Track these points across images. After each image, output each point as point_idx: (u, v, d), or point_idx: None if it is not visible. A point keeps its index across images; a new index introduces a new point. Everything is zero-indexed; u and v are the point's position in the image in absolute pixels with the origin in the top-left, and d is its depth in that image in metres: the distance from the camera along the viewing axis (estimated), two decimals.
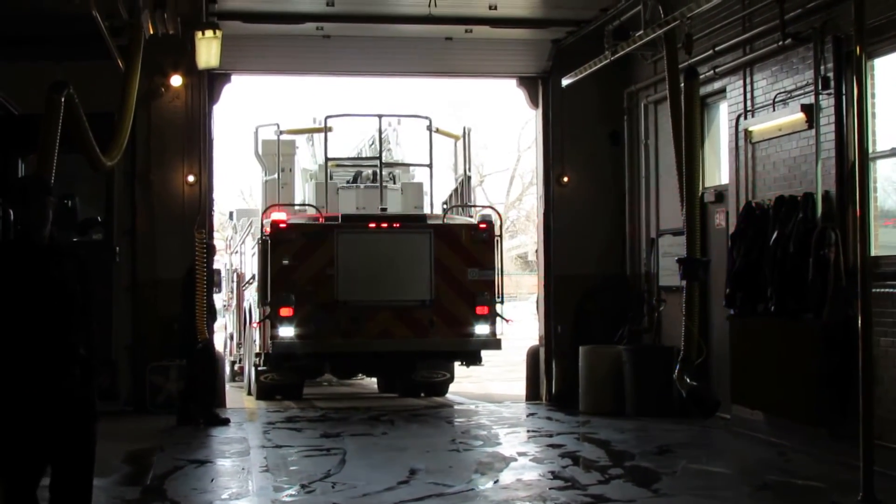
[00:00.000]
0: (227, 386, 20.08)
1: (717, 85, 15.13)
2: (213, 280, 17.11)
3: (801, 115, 12.88)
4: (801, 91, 13.03)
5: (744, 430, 13.97)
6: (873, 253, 10.54)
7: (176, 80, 17.12)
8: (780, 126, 13.47)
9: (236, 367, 24.07)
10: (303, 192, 20.02)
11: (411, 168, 20.63)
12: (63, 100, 10.36)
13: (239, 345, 23.17)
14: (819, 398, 11.90)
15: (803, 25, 12.84)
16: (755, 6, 13.92)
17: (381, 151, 19.10)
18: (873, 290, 10.35)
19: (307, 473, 11.73)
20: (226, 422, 15.53)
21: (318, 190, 18.46)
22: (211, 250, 17.18)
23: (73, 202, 16.16)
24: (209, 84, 17.60)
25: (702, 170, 14.38)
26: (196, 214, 17.39)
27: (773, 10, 13.21)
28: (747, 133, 14.36)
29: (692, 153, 13.24)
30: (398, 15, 15.73)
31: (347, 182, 19.45)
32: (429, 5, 14.67)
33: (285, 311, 15.91)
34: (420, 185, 19.16)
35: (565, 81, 17.35)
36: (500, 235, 18.57)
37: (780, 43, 13.21)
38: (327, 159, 18.73)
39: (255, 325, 19.48)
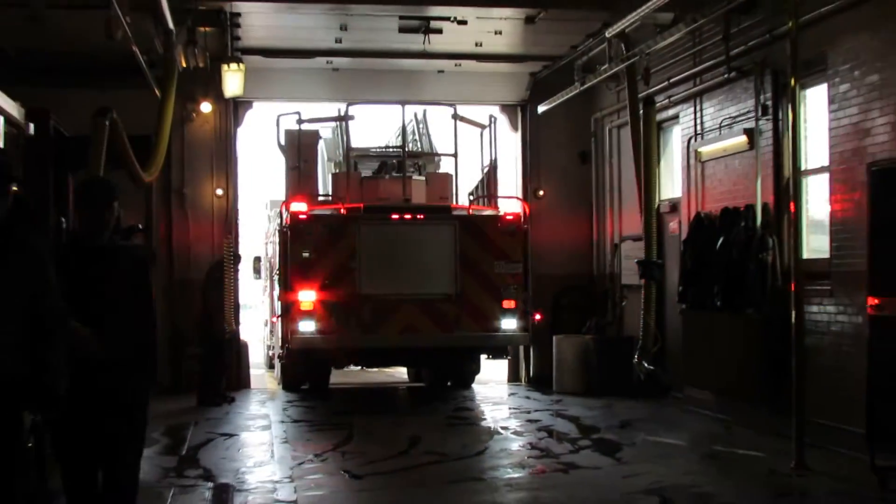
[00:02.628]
0: (264, 371, 19.96)
1: (671, 112, 15.17)
2: (237, 280, 17.23)
3: (743, 138, 12.97)
4: (744, 117, 13.11)
5: (694, 407, 14.00)
6: (804, 256, 10.65)
7: (205, 107, 17.10)
8: (726, 147, 13.55)
9: (270, 352, 21.23)
10: (326, 182, 17.01)
11: (437, 158, 17.56)
12: (108, 123, 10.41)
13: (272, 332, 20.48)
14: (759, 380, 11.97)
15: (746, 61, 12.93)
16: (704, 44, 14.00)
17: (404, 140, 16.54)
18: (805, 287, 10.49)
19: (321, 444, 11.79)
20: (231, 399, 15.48)
21: (340, 180, 15.66)
22: (237, 258, 17.32)
23: (118, 212, 16.17)
24: (234, 110, 17.63)
25: (658, 184, 14.46)
26: (223, 223, 17.47)
27: (719, 48, 13.30)
28: (697, 153, 14.42)
29: (649, 170, 13.34)
30: (397, 51, 15.70)
31: (373, 172, 16.65)
32: (423, 43, 14.75)
33: (306, 306, 13.59)
34: (446, 175, 16.27)
35: (541, 108, 17.40)
36: (528, 227, 15.98)
37: (726, 76, 13.30)
38: (349, 148, 16.22)
39: (275, 318, 17.50)
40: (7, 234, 4.80)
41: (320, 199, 15.40)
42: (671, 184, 15.43)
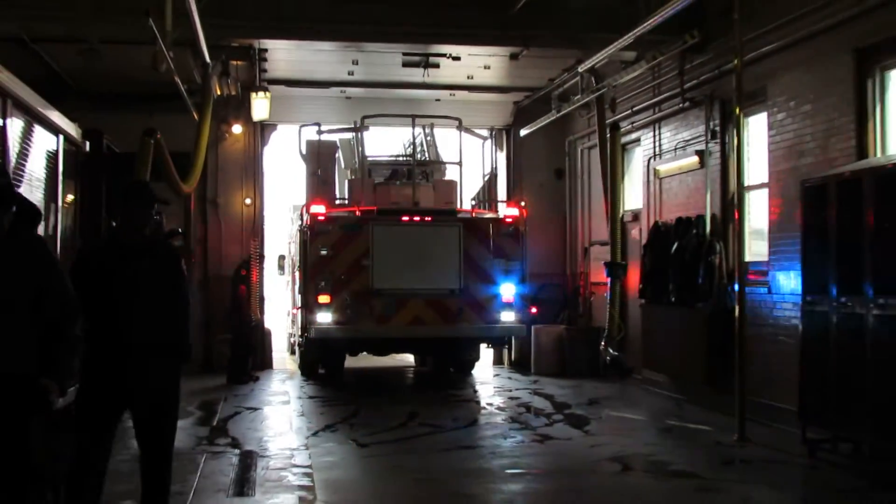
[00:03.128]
0: (286, 355, 19.92)
1: (634, 136, 15.19)
2: (262, 276, 17.28)
3: (695, 158, 13.00)
4: (696, 140, 13.14)
5: (651, 387, 14.03)
6: (747, 259, 10.67)
7: (236, 129, 17.09)
8: (680, 166, 13.58)
9: (291, 340, 20.09)
10: (342, 188, 16.36)
11: (443, 167, 16.70)
12: (153, 142, 10.43)
13: (293, 322, 19.30)
14: (707, 364, 11.99)
15: (697, 93, 12.97)
16: (662, 78, 14.05)
17: (414, 150, 16.05)
18: (746, 286, 10.52)
19: (333, 417, 11.78)
20: (256, 378, 15.47)
21: (355, 185, 15.09)
22: (262, 258, 17.39)
23: (160, 216, 16.21)
24: (261, 132, 17.62)
25: (622, 197, 14.48)
26: (251, 227, 17.50)
27: (675, 81, 13.35)
28: (655, 171, 14.46)
29: (615, 185, 13.36)
30: (401, 82, 15.67)
31: (385, 179, 15.87)
32: (423, 76, 14.79)
33: (323, 299, 12.97)
34: (452, 182, 15.46)
35: (523, 132, 17.42)
36: (526, 229, 15.46)
37: (681, 105, 13.34)
38: (364, 157, 15.68)
39: (296, 309, 16.85)
40: (11, 236, 4.44)
41: (337, 202, 15.01)
42: (633, 197, 15.44)
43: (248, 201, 17.49)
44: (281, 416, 12.19)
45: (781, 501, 7.49)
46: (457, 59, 14.35)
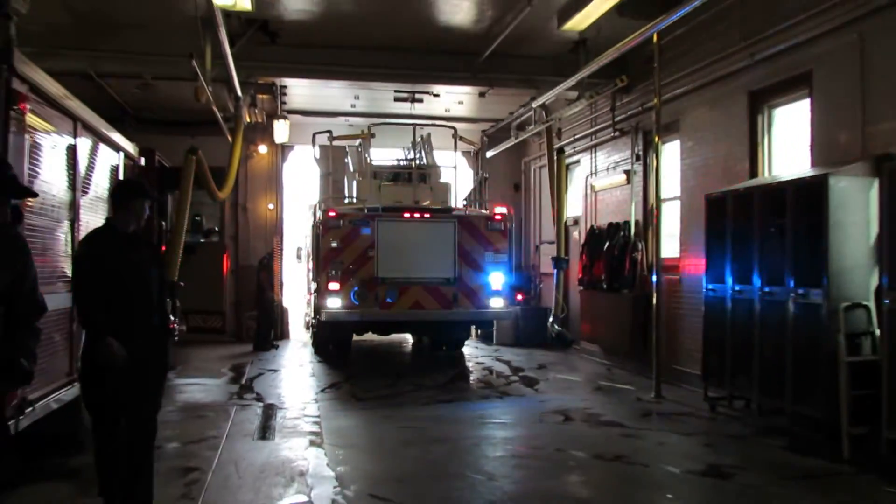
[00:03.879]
0: (301, 329, 19.85)
1: (575, 158, 15.23)
2: (282, 265, 17.26)
3: (623, 177, 13.06)
4: (624, 162, 13.21)
5: (587, 355, 14.12)
6: (662, 256, 10.74)
7: (262, 149, 17.01)
8: (611, 182, 13.64)
9: (306, 318, 18.18)
10: (351, 188, 14.81)
11: (439, 171, 15.08)
12: (195, 158, 10.38)
13: (308, 304, 17.75)
14: (631, 338, 12.08)
15: (625, 124, 13.03)
16: (598, 113, 14.10)
17: (415, 155, 14.75)
18: (661, 277, 10.59)
19: (336, 377, 11.78)
20: (276, 346, 15.48)
21: (362, 186, 13.83)
22: (281, 251, 17.38)
23: (201, 218, 16.15)
24: (281, 151, 17.50)
25: (565, 206, 14.50)
26: (273, 227, 17.48)
27: (608, 115, 13.39)
28: (592, 186, 14.51)
29: (560, 197, 13.31)
30: (393, 113, 15.50)
31: (388, 180, 14.59)
32: (410, 109, 14.77)
33: (333, 286, 11.95)
34: (447, 184, 14.46)
35: (489, 154, 17.39)
36: (513, 225, 14.64)
37: (612, 134, 13.39)
38: (370, 160, 14.30)
39: (309, 295, 15.92)
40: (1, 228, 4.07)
41: (346, 200, 13.88)
42: (574, 206, 15.45)
43: (270, 206, 17.47)
44: (296, 376, 12.18)
45: (688, 444, 7.54)
46: (437, 95, 14.35)
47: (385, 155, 15.74)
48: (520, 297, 15.05)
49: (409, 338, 17.14)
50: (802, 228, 7.64)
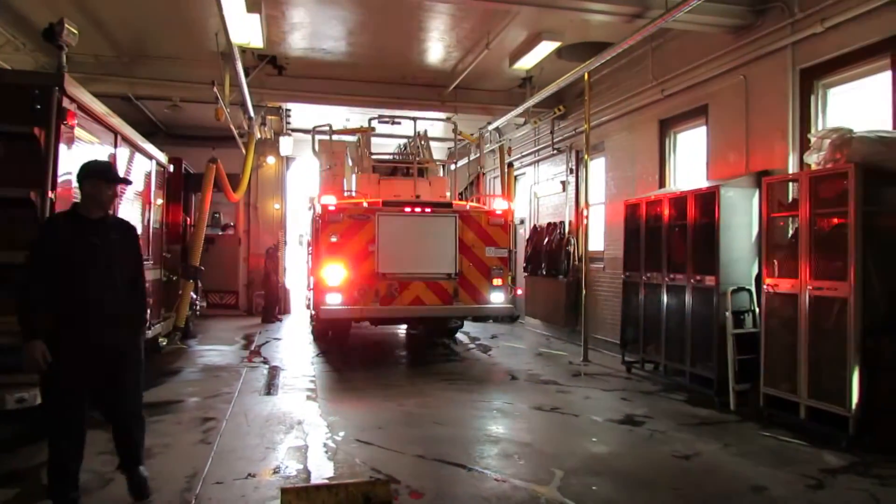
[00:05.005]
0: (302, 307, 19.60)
1: (522, 170, 15.22)
2: (285, 254, 17.05)
3: (560, 186, 13.07)
4: (560, 174, 13.23)
5: (531, 328, 14.11)
6: (590, 249, 10.77)
7: (270, 160, 16.77)
8: (551, 191, 13.63)
9: (307, 299, 14.61)
10: (350, 182, 12.22)
11: (437, 165, 13.21)
12: (214, 166, 10.20)
13: (308, 287, 14.19)
14: (565, 314, 12.12)
15: (562, 144, 13.04)
16: (540, 135, 14.08)
17: (416, 149, 12.37)
18: (589, 266, 10.63)
19: (329, 346, 11.68)
20: (280, 319, 15.19)
21: (362, 180, 11.54)
22: (285, 243, 17.16)
23: (219, 215, 15.86)
24: (286, 162, 17.31)
25: (514, 209, 14.53)
26: (278, 222, 17.20)
27: (548, 137, 13.37)
28: (535, 193, 14.53)
29: (510, 201, 13.34)
30: (377, 132, 15.54)
31: (386, 175, 12.33)
32: (391, 127, 14.63)
33: (333, 282, 9.80)
34: (443, 179, 12.39)
35: (454, 167, 17.38)
36: (513, 220, 12.09)
37: (552, 152, 13.40)
38: (371, 153, 12.12)
39: (309, 290, 13.02)
40: None
41: (345, 194, 11.45)
42: (521, 209, 15.49)
43: (276, 206, 17.24)
44: (296, 344, 11.99)
45: (609, 399, 7.57)
46: (412, 119, 14.23)
47: (382, 150, 13.88)
48: (519, 292, 12.32)
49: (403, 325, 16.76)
50: (699, 228, 7.70)
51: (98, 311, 4.00)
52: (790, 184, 6.64)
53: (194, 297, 11.57)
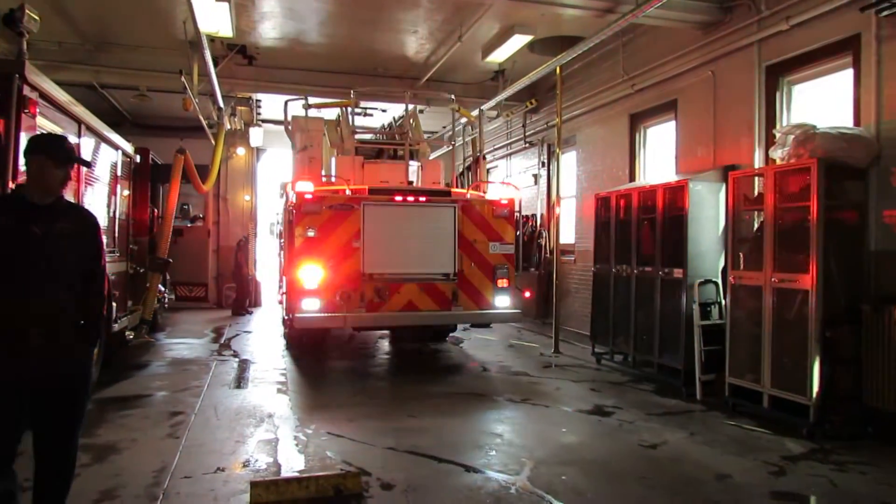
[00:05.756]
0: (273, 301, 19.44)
1: (495, 163, 15.30)
2: (255, 246, 16.89)
3: (532, 179, 13.17)
4: (532, 167, 13.31)
5: None
6: (562, 241, 10.87)
7: (240, 151, 16.57)
8: (523, 184, 13.74)
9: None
10: (329, 167, 9.96)
11: (427, 148, 11.19)
12: (182, 157, 10.04)
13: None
14: (536, 306, 12.23)
15: (534, 138, 13.12)
16: (513, 128, 14.15)
17: (408, 127, 10.31)
18: (560, 258, 10.71)
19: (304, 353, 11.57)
20: (250, 312, 15.04)
21: (344, 163, 9.46)
22: (255, 235, 17.00)
23: (188, 206, 15.61)
24: (256, 153, 17.12)
25: None
26: (248, 214, 17.00)
27: (520, 130, 13.46)
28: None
29: None
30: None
31: (371, 157, 10.25)
32: (363, 119, 14.57)
33: (309, 284, 8.06)
34: (437, 162, 10.61)
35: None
36: (519, 211, 10.76)
37: (524, 145, 13.49)
38: (354, 130, 10.08)
39: (281, 293, 11.19)
40: None
41: (324, 180, 9.43)
42: None
43: (247, 198, 17.05)
44: (266, 337, 11.85)
45: (578, 389, 7.66)
46: (384, 111, 14.15)
47: (365, 130, 11.89)
48: (527, 294, 10.67)
49: None
50: (668, 221, 7.81)
51: (34, 320, 3.09)
52: (756, 178, 6.78)
53: (162, 289, 11.40)
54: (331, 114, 10.81)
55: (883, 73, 5.99)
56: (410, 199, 8.50)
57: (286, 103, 10.25)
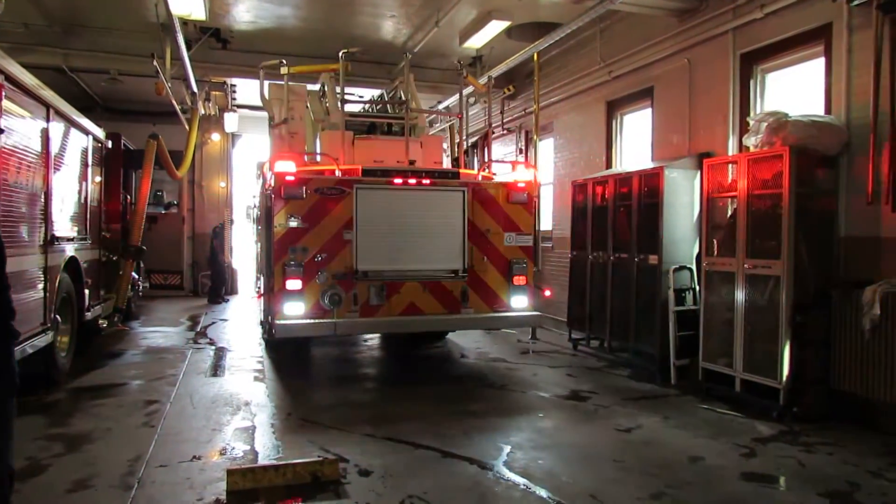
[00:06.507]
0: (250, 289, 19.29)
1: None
2: (231, 233, 16.73)
3: (510, 166, 13.15)
4: (510, 154, 13.32)
5: None
6: (542, 228, 10.90)
7: (215, 137, 16.41)
8: (501, 171, 13.70)
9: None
10: (314, 144, 8.36)
11: (428, 120, 9.80)
12: (155, 142, 9.90)
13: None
14: None
15: (512, 125, 13.09)
16: (492, 114, 14.14)
17: (407, 98, 8.30)
18: (540, 244, 10.75)
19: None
20: (226, 300, 14.99)
21: (332, 139, 7.80)
22: (231, 222, 16.84)
23: (162, 193, 15.38)
24: (231, 139, 16.95)
25: None
26: (224, 201, 16.84)
27: (499, 117, 13.37)
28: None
29: None
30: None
31: (361, 133, 8.58)
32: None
33: (293, 284, 6.74)
34: (439, 138, 9.45)
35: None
36: (539, 196, 8.99)
37: (502, 132, 13.48)
38: (344, 101, 8.14)
39: (258, 296, 9.77)
40: None
41: (307, 158, 7.84)
42: None
43: (222, 184, 16.91)
44: (242, 325, 11.79)
45: (555, 375, 7.73)
46: (361, 97, 14.02)
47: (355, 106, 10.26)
48: (547, 293, 9.14)
49: None
50: (644, 208, 7.88)
51: None
52: (730, 165, 6.86)
53: (136, 277, 11.25)
54: (313, 86, 9.43)
55: (853, 63, 6.08)
56: (412, 181, 7.14)
57: (262, 68, 8.76)
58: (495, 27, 9.75)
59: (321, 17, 10.38)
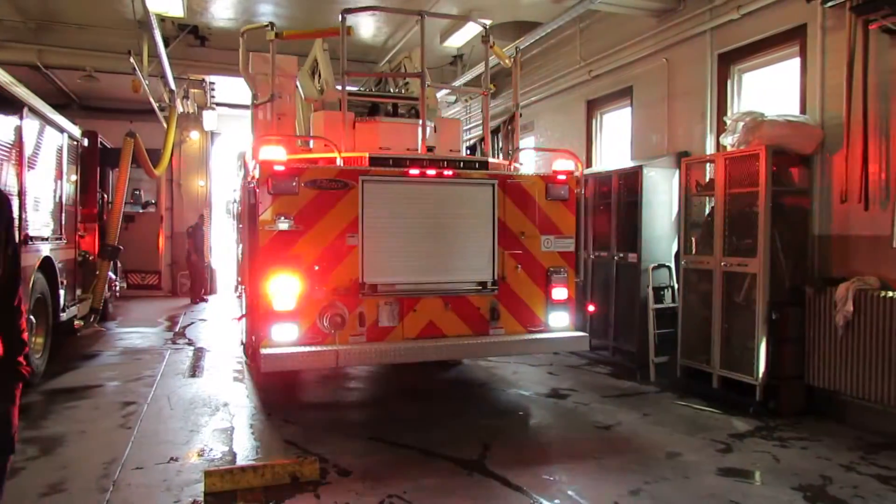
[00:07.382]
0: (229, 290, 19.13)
1: None
2: (210, 233, 16.60)
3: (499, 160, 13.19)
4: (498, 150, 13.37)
5: None
6: None
7: (194, 135, 16.28)
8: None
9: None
10: (307, 124, 6.71)
11: (439, 100, 8.33)
12: (133, 141, 9.79)
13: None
14: None
15: (492, 124, 13.14)
16: (472, 113, 14.11)
17: (423, 71, 6.16)
18: None
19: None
20: (206, 300, 14.90)
21: (328, 121, 6.09)
22: (210, 220, 16.70)
23: (139, 191, 15.22)
24: (210, 137, 16.78)
25: None
26: (203, 200, 16.70)
27: (480, 115, 13.44)
28: None
29: None
30: None
31: (363, 115, 6.67)
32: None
33: (283, 302, 5.16)
34: (457, 122, 7.80)
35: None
36: (583, 191, 6.49)
37: (482, 132, 13.52)
38: (345, 73, 5.89)
39: (239, 318, 7.90)
40: None
41: (300, 143, 6.47)
42: None
43: (201, 183, 16.75)
44: (221, 325, 11.70)
45: (536, 373, 7.76)
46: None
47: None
48: (591, 308, 7.93)
49: None
50: (623, 206, 7.94)
51: None
52: (707, 164, 6.93)
53: (113, 277, 11.12)
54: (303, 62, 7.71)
55: (827, 63, 6.17)
56: (431, 172, 5.66)
57: (243, 34, 6.87)
58: (475, 26, 9.70)
59: (300, 15, 10.32)
